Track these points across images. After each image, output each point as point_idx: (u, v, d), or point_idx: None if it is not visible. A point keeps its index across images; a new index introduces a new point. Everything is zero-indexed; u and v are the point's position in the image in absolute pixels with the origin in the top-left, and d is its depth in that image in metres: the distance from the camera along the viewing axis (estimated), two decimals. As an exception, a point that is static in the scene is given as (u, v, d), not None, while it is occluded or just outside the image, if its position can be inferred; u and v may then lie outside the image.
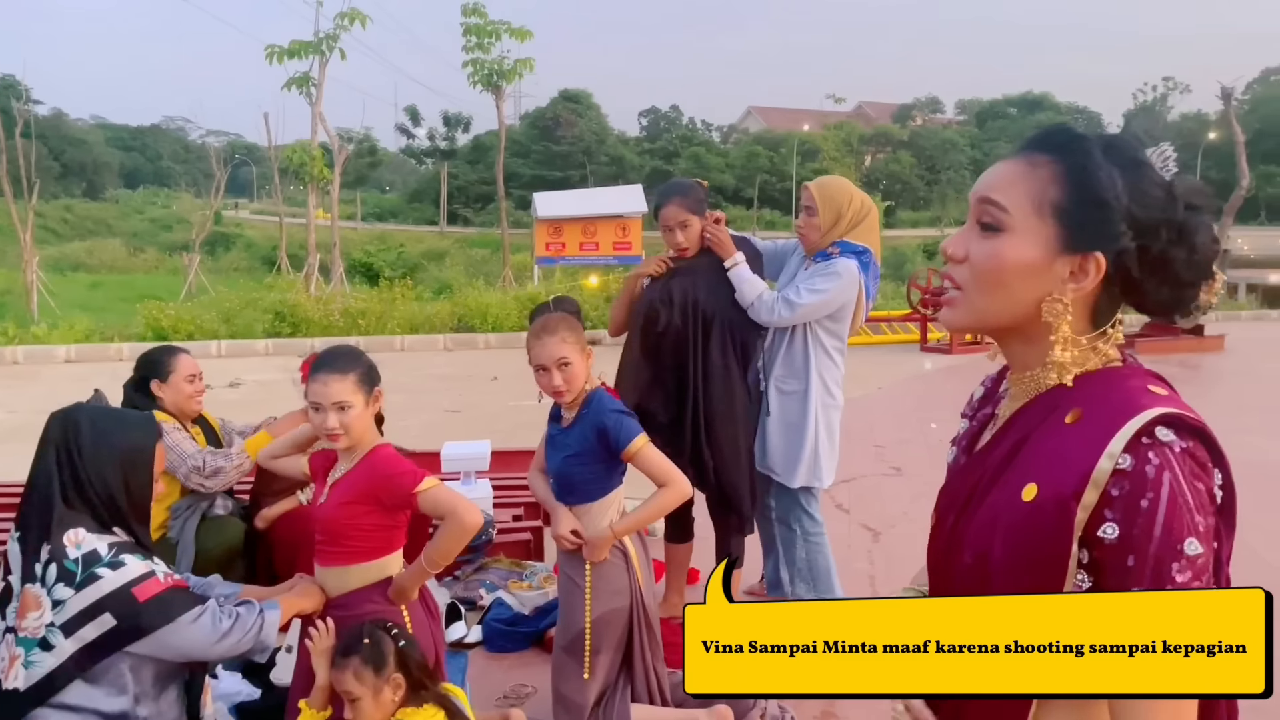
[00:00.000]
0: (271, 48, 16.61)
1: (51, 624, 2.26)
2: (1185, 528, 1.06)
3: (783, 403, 3.99)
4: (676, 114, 66.87)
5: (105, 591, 2.28)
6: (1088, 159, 1.16)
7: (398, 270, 22.99)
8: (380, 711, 2.36)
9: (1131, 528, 1.07)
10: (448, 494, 2.60)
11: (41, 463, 2.42)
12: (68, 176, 57.83)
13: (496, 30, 20.46)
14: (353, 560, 2.64)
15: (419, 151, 50.20)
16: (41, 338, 12.97)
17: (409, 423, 8.13)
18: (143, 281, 24.39)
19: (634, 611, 3.09)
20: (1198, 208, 1.15)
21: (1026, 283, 1.17)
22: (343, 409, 2.56)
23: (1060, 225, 1.16)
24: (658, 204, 3.95)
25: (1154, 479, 1.07)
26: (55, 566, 2.29)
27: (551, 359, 2.88)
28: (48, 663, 2.25)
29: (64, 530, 2.32)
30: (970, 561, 1.22)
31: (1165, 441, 1.08)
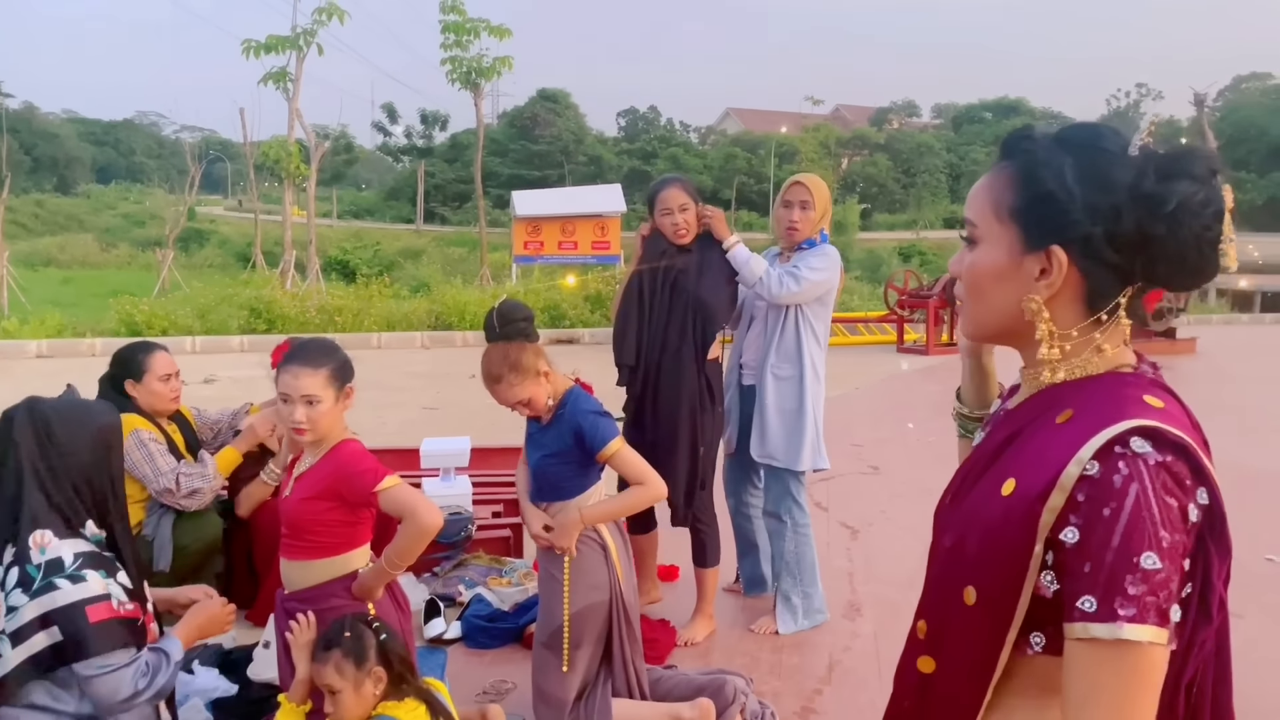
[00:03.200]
0: (248, 42, 16.48)
1: (2, 631, 2.21)
2: (1145, 541, 1.04)
3: (779, 389, 4.08)
4: (655, 115, 66.95)
5: (59, 604, 2.23)
6: (1033, 156, 1.17)
7: (374, 268, 22.87)
8: (361, 705, 2.34)
9: (1091, 535, 1.06)
10: (408, 494, 2.56)
11: (4, 459, 2.35)
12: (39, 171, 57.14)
13: (475, 28, 20.39)
14: (316, 555, 2.62)
15: (396, 149, 49.99)
16: (12, 333, 12.78)
17: (387, 419, 8.09)
18: (115, 277, 24.14)
19: (613, 606, 3.09)
20: (1176, 175, 1.11)
21: (1002, 287, 1.20)
22: (311, 403, 2.53)
23: (1019, 226, 1.18)
24: (656, 189, 4.01)
25: (1119, 489, 1.06)
26: (17, 570, 2.25)
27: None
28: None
29: (31, 530, 2.27)
30: (949, 545, 1.23)
31: (1139, 453, 1.07)
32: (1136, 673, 1.05)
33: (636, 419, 4.05)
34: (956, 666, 1.21)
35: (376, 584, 2.64)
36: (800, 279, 3.93)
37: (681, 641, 4.04)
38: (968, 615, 1.18)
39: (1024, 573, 1.11)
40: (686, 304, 3.90)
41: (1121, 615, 1.04)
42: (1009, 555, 1.12)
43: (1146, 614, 1.04)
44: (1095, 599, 1.05)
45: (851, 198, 43.94)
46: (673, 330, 3.93)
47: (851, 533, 5.53)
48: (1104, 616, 1.05)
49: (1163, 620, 1.04)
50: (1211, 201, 1.12)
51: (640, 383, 4.01)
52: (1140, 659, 1.04)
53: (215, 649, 3.75)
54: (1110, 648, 1.05)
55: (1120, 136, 1.17)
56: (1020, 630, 1.13)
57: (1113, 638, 1.04)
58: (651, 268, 3.98)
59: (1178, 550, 1.06)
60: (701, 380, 3.94)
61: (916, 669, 1.27)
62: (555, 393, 3.02)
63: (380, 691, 2.36)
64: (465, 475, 5.07)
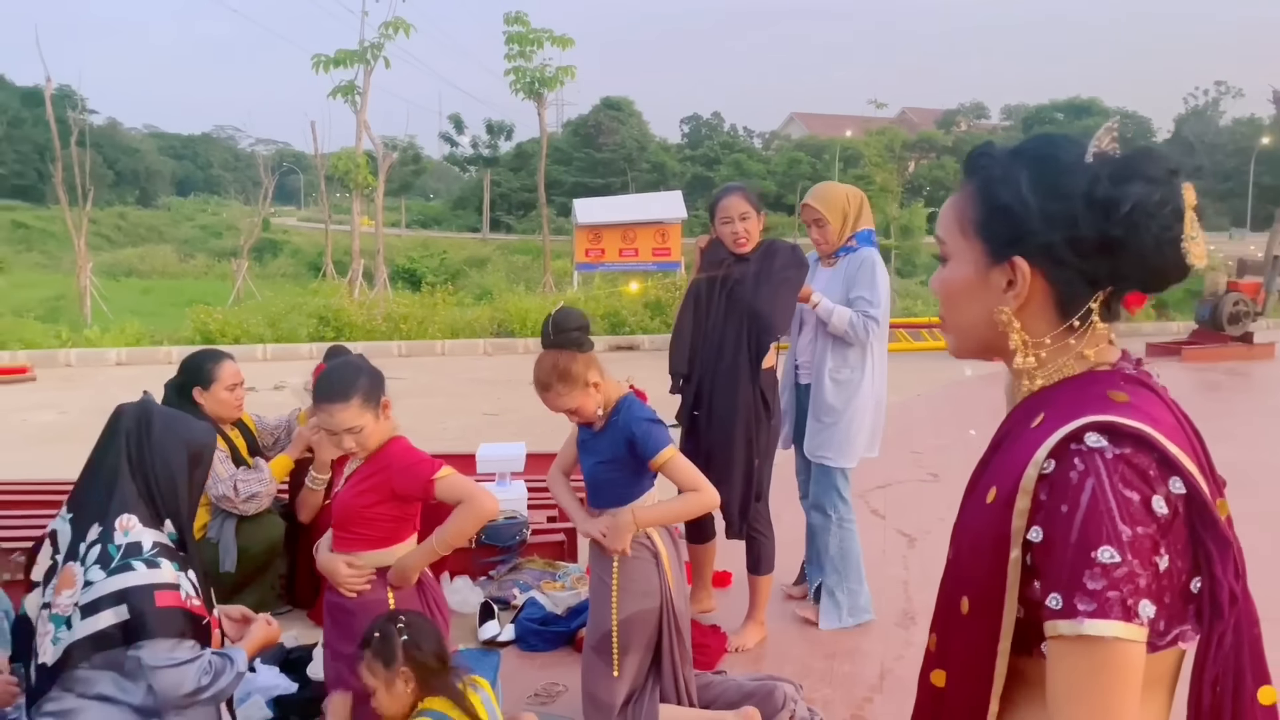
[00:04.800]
0: (318, 57, 16.87)
1: (76, 604, 2.32)
2: (1103, 535, 1.04)
3: (837, 391, 4.11)
4: (718, 121, 66.81)
5: (131, 584, 2.33)
6: (989, 171, 1.19)
7: (440, 276, 23.18)
8: (395, 702, 2.41)
9: (1051, 532, 1.07)
10: (464, 481, 2.68)
11: (109, 445, 2.51)
12: (121, 184, 59.04)
13: (538, 38, 20.57)
14: (363, 547, 2.72)
15: (462, 159, 50.55)
16: (93, 341, 13.26)
17: (448, 425, 8.22)
18: (192, 287, 24.82)
19: (664, 613, 3.10)
20: (1130, 178, 1.12)
21: (972, 300, 1.23)
22: (356, 431, 2.64)
23: (982, 240, 1.20)
24: (718, 198, 4.04)
25: (1076, 485, 1.06)
26: (99, 548, 2.36)
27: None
28: (64, 640, 2.31)
29: (119, 513, 2.39)
30: (951, 557, 1.25)
31: (1094, 448, 1.07)
32: (1108, 669, 1.04)
33: (691, 429, 4.08)
34: (963, 678, 1.22)
35: (417, 565, 2.73)
36: (876, 315, 4.00)
37: (732, 648, 4.05)
38: (965, 625, 1.19)
39: (1003, 577, 1.12)
40: (742, 315, 3.90)
41: (1082, 611, 1.04)
42: (991, 562, 1.13)
43: (1109, 609, 1.03)
44: (1060, 596, 1.05)
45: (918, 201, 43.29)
46: (728, 341, 3.93)
47: (909, 540, 5.48)
48: (1067, 613, 1.05)
49: (1128, 616, 1.03)
50: (1168, 201, 1.12)
51: (694, 392, 4.03)
52: (1110, 655, 1.04)
53: (278, 648, 3.85)
54: (1078, 644, 1.05)
55: (1077, 145, 1.17)
56: (1030, 638, 1.13)
57: (1075, 634, 1.04)
58: (710, 277, 4.00)
59: (1144, 544, 1.05)
60: (756, 392, 3.94)
61: (930, 683, 1.28)
62: (607, 401, 3.04)
63: (412, 690, 2.42)
64: (521, 480, 5.14)
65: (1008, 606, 1.12)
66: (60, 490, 5.53)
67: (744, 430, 3.94)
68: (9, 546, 4.42)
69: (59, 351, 12.82)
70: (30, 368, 11.91)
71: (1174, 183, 1.13)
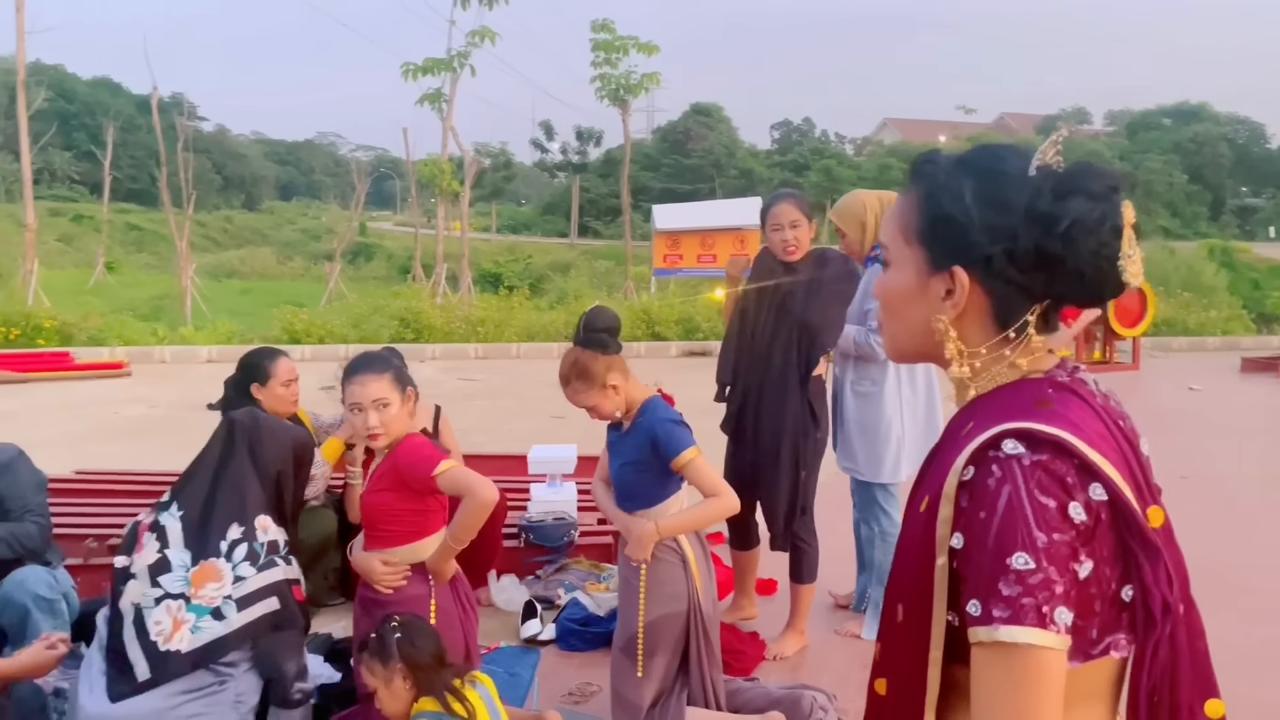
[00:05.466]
0: (407, 65, 17.34)
1: (228, 597, 2.54)
2: (1017, 542, 1.03)
3: (859, 404, 4.08)
4: (809, 126, 66.38)
5: (277, 579, 2.61)
6: (934, 180, 1.19)
7: (524, 280, 23.56)
8: (395, 700, 2.48)
9: (970, 539, 1.07)
10: (464, 474, 2.72)
11: (230, 451, 2.75)
12: (229, 189, 61.37)
13: (624, 45, 20.77)
14: (390, 544, 2.80)
15: (552, 165, 51.28)
16: (188, 339, 13.88)
17: (515, 427, 8.36)
18: (289, 288, 25.71)
19: (691, 618, 3.11)
20: (1071, 194, 1.11)
21: (911, 307, 1.23)
22: (382, 406, 2.72)
23: (924, 248, 1.20)
24: (768, 204, 3.99)
25: (993, 491, 1.06)
26: (245, 546, 2.60)
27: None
28: (215, 630, 2.53)
29: (256, 514, 2.65)
30: (894, 569, 1.25)
31: (1012, 454, 1.07)
32: (1024, 676, 1.03)
33: (738, 438, 4.07)
34: (900, 686, 1.22)
35: (444, 561, 2.80)
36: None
37: (770, 656, 4.03)
38: (899, 633, 1.20)
39: (929, 584, 1.12)
40: (793, 326, 3.87)
41: (997, 617, 1.04)
42: (921, 570, 1.14)
43: (1023, 615, 1.03)
44: (979, 602, 1.05)
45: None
46: (776, 352, 3.90)
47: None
48: (984, 620, 1.05)
49: (1042, 622, 1.03)
50: (1107, 218, 1.11)
51: (739, 401, 4.02)
52: (1028, 662, 1.03)
53: (325, 638, 3.98)
54: (996, 651, 1.04)
55: (1022, 157, 1.16)
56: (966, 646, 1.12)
57: (991, 640, 1.04)
58: (760, 286, 3.98)
59: (1060, 550, 1.04)
60: (805, 403, 3.92)
61: (875, 691, 1.29)
62: (631, 403, 3.08)
63: (410, 687, 2.48)
64: (572, 482, 5.21)
65: (936, 614, 1.12)
66: (141, 481, 5.81)
67: (791, 442, 3.92)
68: (91, 533, 4.67)
69: (155, 348, 13.47)
70: (126, 363, 12.54)
71: (1114, 199, 1.12)
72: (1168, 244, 30.49)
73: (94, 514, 5.09)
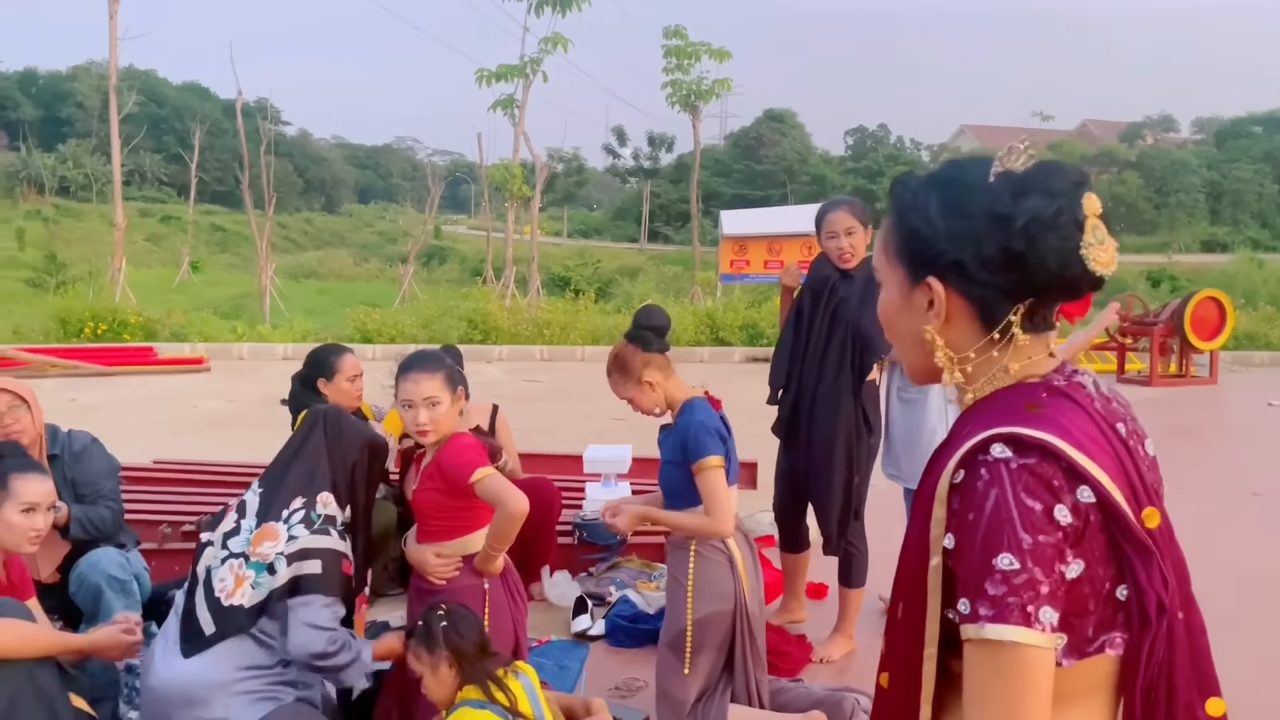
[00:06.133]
0: (481, 71, 17.64)
1: (280, 553, 2.70)
2: (1003, 543, 1.07)
3: (904, 411, 4.08)
4: (884, 132, 65.58)
5: (325, 545, 2.73)
6: (901, 197, 1.24)
7: (592, 285, 23.74)
8: (441, 686, 2.56)
9: (961, 539, 1.11)
10: (497, 484, 2.79)
11: (310, 438, 2.94)
12: (309, 192, 62.94)
13: (696, 51, 20.84)
14: (440, 538, 2.91)
15: (623, 170, 51.59)
16: (265, 336, 14.33)
17: (576, 428, 8.46)
18: (364, 289, 26.28)
19: (737, 617, 3.15)
20: (1027, 192, 1.14)
21: (903, 322, 1.27)
22: (433, 404, 2.82)
23: (901, 264, 1.24)
24: (824, 211, 3.98)
25: (981, 493, 1.09)
26: (302, 513, 2.76)
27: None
28: (269, 584, 2.69)
29: (320, 490, 2.81)
30: (897, 568, 1.29)
31: (999, 458, 1.10)
32: (1013, 675, 1.07)
33: (789, 441, 4.09)
34: (899, 680, 1.26)
35: (487, 564, 2.90)
36: None
37: (817, 658, 4.04)
38: (898, 629, 1.24)
39: (924, 575, 1.16)
40: (847, 333, 3.88)
41: (983, 616, 1.07)
42: (917, 569, 1.18)
43: (1008, 614, 1.06)
44: (968, 601, 1.09)
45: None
46: (830, 359, 3.91)
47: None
48: (971, 618, 1.08)
49: (1026, 621, 1.06)
50: (1063, 211, 1.13)
51: (791, 406, 4.03)
52: (1014, 660, 1.06)
53: (382, 626, 4.11)
54: (983, 648, 1.08)
55: (984, 166, 1.19)
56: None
57: (978, 638, 1.08)
58: (814, 293, 4.00)
59: (1045, 551, 1.07)
60: (858, 410, 3.92)
61: (880, 684, 1.32)
62: (672, 401, 3.14)
63: (455, 674, 2.56)
64: (626, 482, 5.28)
65: (930, 612, 1.16)
66: (216, 472, 6.04)
67: (844, 448, 3.92)
68: (166, 520, 4.88)
69: (234, 345, 13.94)
70: (206, 359, 13.00)
71: (1075, 194, 1.14)
72: (1256, 256, 29.48)
73: (170, 502, 5.31)
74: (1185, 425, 9.97)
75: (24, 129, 55.12)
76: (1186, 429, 9.79)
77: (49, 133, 55.25)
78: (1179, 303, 12.46)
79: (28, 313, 16.74)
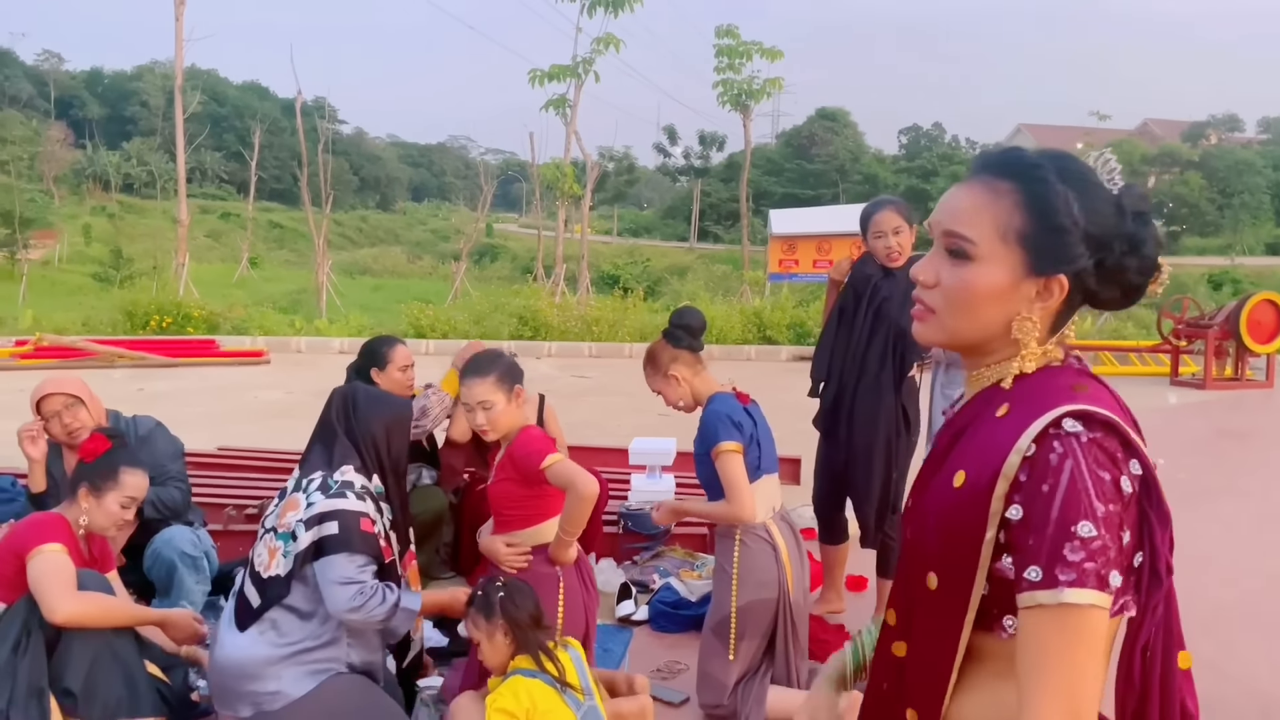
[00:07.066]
0: (533, 71, 17.86)
1: (300, 519, 2.83)
2: (1081, 512, 1.13)
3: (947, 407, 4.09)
4: (939, 132, 64.84)
5: (341, 507, 2.83)
6: (1046, 186, 1.22)
7: (641, 283, 23.86)
8: (496, 653, 2.70)
9: (1032, 510, 1.15)
10: (567, 468, 2.92)
11: (327, 417, 3.06)
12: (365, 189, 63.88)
13: (748, 51, 20.87)
14: (514, 527, 3.06)
15: (674, 170, 51.64)
16: (322, 330, 14.70)
17: (623, 423, 8.59)
18: (417, 286, 26.65)
19: (780, 605, 3.27)
20: (1143, 214, 1.22)
21: (996, 305, 1.25)
22: (486, 407, 2.97)
23: (1025, 250, 1.22)
24: (870, 211, 4.04)
25: (1055, 466, 1.15)
26: (319, 480, 2.89)
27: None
28: (294, 550, 2.81)
29: (340, 464, 2.93)
30: (910, 538, 1.33)
31: (1071, 432, 1.16)
32: (1080, 635, 1.14)
33: (829, 434, 4.17)
34: (925, 648, 1.30)
35: (561, 550, 3.02)
36: None
37: None
38: (931, 600, 1.27)
39: (977, 555, 1.20)
40: (889, 331, 3.95)
41: (1062, 581, 1.13)
42: (964, 540, 1.22)
43: (1086, 579, 1.13)
44: (1040, 568, 1.14)
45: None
46: (872, 356, 3.99)
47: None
48: (1047, 584, 1.14)
49: (1102, 585, 1.13)
50: (1161, 244, 1.26)
51: (833, 400, 4.12)
52: (1083, 622, 1.14)
53: (434, 605, 4.27)
54: (1054, 613, 1.14)
55: (1092, 170, 1.26)
56: (993, 615, 1.23)
57: (1056, 602, 1.14)
58: (857, 292, 4.09)
59: (1114, 520, 1.15)
60: (898, 406, 4.00)
61: (891, 653, 1.38)
62: (698, 397, 3.34)
63: (510, 642, 2.69)
64: (670, 474, 5.39)
65: (978, 582, 1.22)
66: (276, 459, 6.27)
67: (884, 443, 4.01)
68: (229, 503, 5.10)
69: (292, 339, 14.31)
70: (266, 352, 13.37)
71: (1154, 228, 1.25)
72: (1321, 258, 28.71)
73: (233, 486, 5.53)
74: (1240, 429, 9.85)
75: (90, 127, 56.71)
76: (1241, 432, 9.67)
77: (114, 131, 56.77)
78: (1235, 305, 12.25)
79: (96, 305, 17.31)
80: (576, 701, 2.66)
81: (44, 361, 11.85)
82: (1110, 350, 13.57)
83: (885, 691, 1.40)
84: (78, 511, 3.04)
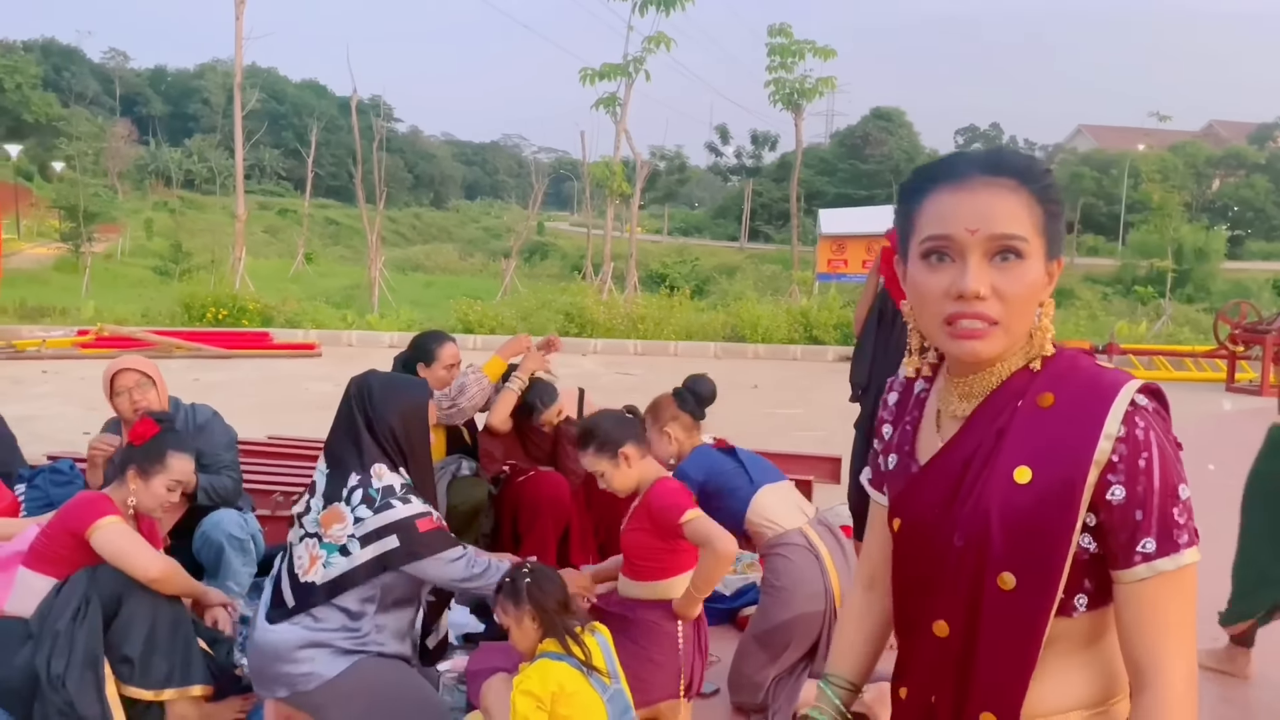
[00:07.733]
0: (585, 70, 17.94)
1: (352, 535, 2.83)
2: (1176, 475, 1.21)
3: None
4: (996, 132, 64.09)
5: (395, 519, 2.84)
6: (1047, 177, 1.29)
7: (690, 282, 23.87)
8: (525, 639, 2.74)
9: (1135, 486, 1.21)
10: (706, 525, 2.92)
11: (347, 410, 3.05)
12: (419, 187, 64.66)
13: (800, 49, 20.76)
14: (644, 578, 3.10)
15: (726, 169, 51.54)
16: (373, 325, 14.94)
17: (666, 421, 8.65)
18: (468, 283, 26.92)
19: (826, 615, 3.29)
20: None
21: (1038, 297, 1.28)
22: (601, 475, 3.08)
23: (1045, 240, 1.28)
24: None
25: (1144, 440, 1.21)
26: (360, 491, 2.86)
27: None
28: (343, 565, 2.82)
29: (371, 464, 2.90)
30: (961, 545, 1.30)
31: (1142, 405, 1.23)
32: (1188, 591, 1.23)
33: (869, 438, 4.18)
34: (1001, 648, 1.28)
35: (687, 606, 3.04)
36: None
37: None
38: (1006, 600, 1.26)
39: (1064, 547, 1.23)
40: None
41: (1182, 544, 1.21)
42: (1047, 534, 1.24)
43: (1194, 537, 1.22)
44: (1153, 539, 1.20)
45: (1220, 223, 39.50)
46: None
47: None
48: (1165, 550, 1.20)
49: (1196, 539, 1.22)
50: None
51: (872, 403, 4.14)
52: (1193, 579, 1.22)
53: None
54: (1174, 578, 1.21)
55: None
56: (1063, 599, 1.25)
57: (1177, 567, 1.20)
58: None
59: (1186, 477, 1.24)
60: None
61: (944, 665, 1.34)
62: (683, 455, 3.58)
63: (538, 627, 2.73)
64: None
65: (1065, 573, 1.24)
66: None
67: None
68: (278, 489, 5.24)
69: (343, 332, 14.58)
70: (318, 345, 13.63)
71: None
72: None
73: (282, 474, 5.67)
74: (1297, 437, 9.56)
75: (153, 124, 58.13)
76: (1298, 441, 9.40)
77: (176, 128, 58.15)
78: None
79: (155, 297, 17.77)
80: (603, 685, 2.70)
81: (104, 351, 12.17)
82: (1165, 355, 13.32)
83: (935, 705, 1.37)
84: (125, 493, 3.12)
